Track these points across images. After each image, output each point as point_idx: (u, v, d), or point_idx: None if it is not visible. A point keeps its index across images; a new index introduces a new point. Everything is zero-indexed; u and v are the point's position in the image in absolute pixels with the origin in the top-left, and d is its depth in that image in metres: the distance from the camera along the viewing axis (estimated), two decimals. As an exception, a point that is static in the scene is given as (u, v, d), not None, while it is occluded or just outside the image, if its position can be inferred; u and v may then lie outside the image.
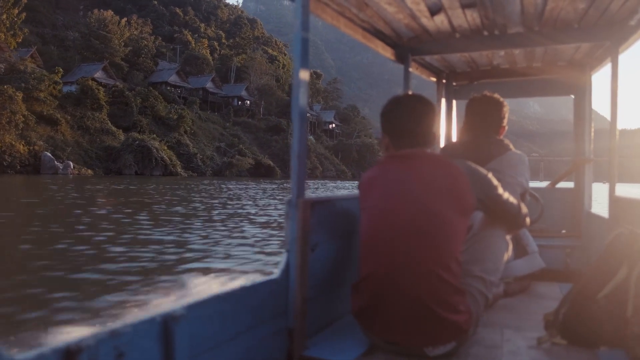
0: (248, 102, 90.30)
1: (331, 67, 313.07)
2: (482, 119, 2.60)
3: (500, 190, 1.93)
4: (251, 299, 1.56)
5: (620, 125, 3.08)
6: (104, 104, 56.65)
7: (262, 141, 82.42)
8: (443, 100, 4.11)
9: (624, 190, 3.17)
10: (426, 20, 2.83)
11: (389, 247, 1.76)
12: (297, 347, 1.76)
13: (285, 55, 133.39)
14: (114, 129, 56.43)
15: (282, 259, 1.76)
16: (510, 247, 2.10)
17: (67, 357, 0.93)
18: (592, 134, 3.79)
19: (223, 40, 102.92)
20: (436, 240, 1.72)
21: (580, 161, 3.84)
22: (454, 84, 4.15)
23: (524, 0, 2.51)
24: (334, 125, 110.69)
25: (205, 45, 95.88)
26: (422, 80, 4.13)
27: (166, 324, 1.18)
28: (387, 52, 3.15)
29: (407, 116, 1.87)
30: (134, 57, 76.54)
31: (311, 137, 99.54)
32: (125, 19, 76.92)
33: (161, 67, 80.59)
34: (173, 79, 77.84)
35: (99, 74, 63.72)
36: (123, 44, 74.03)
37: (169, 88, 75.84)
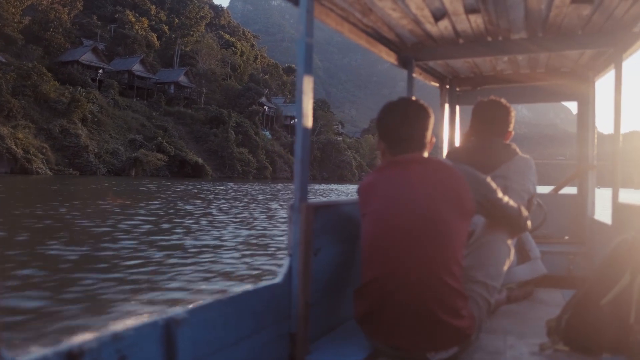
0: (189, 89, 74.58)
1: (319, 69, 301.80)
2: (489, 124, 2.54)
3: (500, 194, 1.89)
4: (254, 304, 1.54)
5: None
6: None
7: (198, 134, 66.84)
8: (446, 106, 3.99)
9: (626, 196, 3.07)
10: (430, 26, 2.77)
11: (391, 253, 1.73)
12: (300, 351, 1.73)
13: (253, 45, 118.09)
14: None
15: (284, 263, 1.74)
16: (513, 252, 2.02)
17: None
18: (596, 140, 3.72)
19: (163, 18, 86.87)
20: (438, 244, 1.69)
21: (583, 167, 3.76)
22: (458, 89, 4.06)
23: (528, 7, 2.45)
24: (296, 120, 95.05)
25: (145, 24, 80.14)
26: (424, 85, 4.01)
27: (169, 327, 1.16)
28: (390, 57, 3.10)
29: (403, 121, 1.84)
30: (40, 31, 60.86)
31: (266, 132, 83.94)
32: (29, -16, 61.26)
33: (86, 45, 65.00)
34: (87, 58, 62.16)
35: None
36: (21, 12, 58.38)
37: (79, 68, 60.05)
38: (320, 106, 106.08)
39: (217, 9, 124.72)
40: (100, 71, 64.40)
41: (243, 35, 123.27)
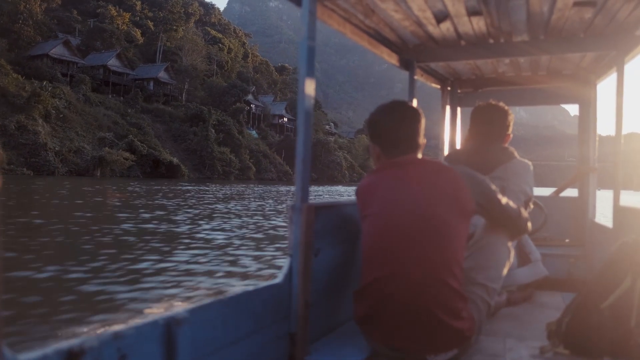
0: (170, 86, 70.47)
1: (316, 70, 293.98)
2: (487, 127, 2.54)
3: (499, 195, 1.88)
4: (254, 304, 1.53)
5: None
6: None
7: (177, 133, 62.81)
8: (448, 108, 3.92)
9: (626, 199, 2.93)
10: (432, 28, 2.74)
11: (391, 254, 1.71)
12: (299, 352, 1.72)
13: (245, 44, 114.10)
14: None
15: (285, 263, 1.73)
16: (513, 254, 2.01)
17: (70, 359, 0.90)
18: (597, 142, 3.69)
19: (149, 14, 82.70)
20: (438, 245, 1.68)
21: (584, 170, 3.71)
22: (459, 91, 3.98)
23: (529, 9, 2.42)
24: (285, 119, 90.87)
25: (127, 19, 76.11)
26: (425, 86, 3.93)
27: (169, 327, 1.15)
28: (392, 59, 3.06)
29: (399, 123, 1.83)
30: (7, 23, 56.85)
31: (253, 131, 79.84)
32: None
33: (58, 39, 60.97)
34: (58, 51, 58.17)
35: None
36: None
37: (48, 62, 55.98)
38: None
39: (207, 7, 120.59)
40: (75, 66, 60.37)
41: (234, 33, 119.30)
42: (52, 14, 70.59)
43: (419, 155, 1.83)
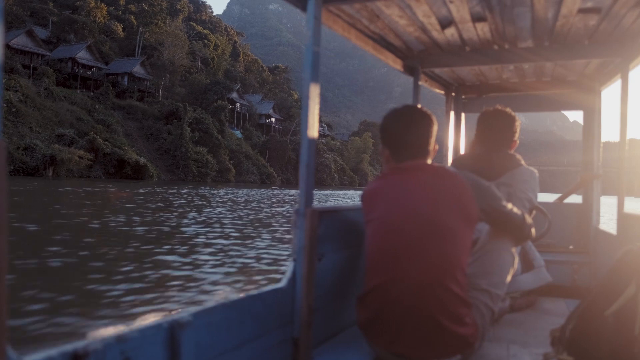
0: (146, 82, 65.47)
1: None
2: (495, 133, 2.51)
3: (504, 201, 1.87)
4: (257, 308, 1.52)
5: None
6: None
7: (150, 131, 57.84)
8: (452, 113, 3.90)
9: (627, 205, 2.94)
10: (437, 34, 2.72)
11: (395, 259, 1.69)
12: (302, 357, 1.70)
13: (236, 42, 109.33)
14: None
15: (288, 268, 1.71)
16: (517, 260, 1.99)
17: None
18: (601, 149, 3.67)
19: (133, 9, 77.77)
20: (442, 251, 1.66)
21: (588, 177, 3.68)
22: (463, 97, 3.96)
23: (534, 16, 2.41)
24: (273, 119, 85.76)
25: (104, 11, 71.28)
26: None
27: (173, 330, 1.15)
28: (397, 64, 3.05)
29: (407, 128, 1.81)
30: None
31: (236, 131, 74.80)
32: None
33: (21, 29, 56.05)
34: (20, 42, 53.26)
35: None
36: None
37: (7, 53, 51.04)
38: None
39: (197, 3, 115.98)
40: (40, 58, 55.50)
41: (225, 31, 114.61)
42: (27, 5, 65.93)
43: (429, 161, 1.80)
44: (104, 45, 67.81)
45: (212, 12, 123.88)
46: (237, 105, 78.16)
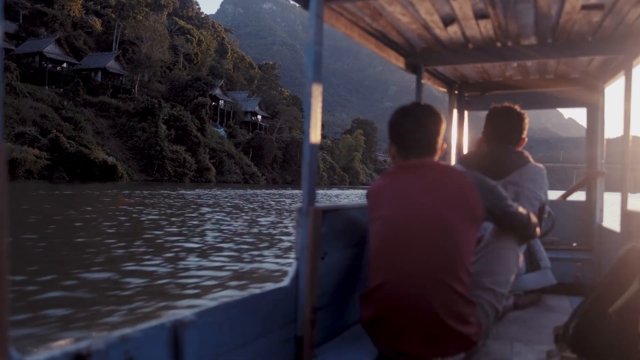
0: (121, 77, 61.72)
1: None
2: (504, 130, 2.49)
3: (509, 201, 1.86)
4: (260, 307, 1.52)
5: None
6: None
7: (123, 129, 54.14)
8: (455, 111, 3.87)
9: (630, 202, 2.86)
10: (439, 31, 2.72)
11: (399, 258, 1.70)
12: (306, 355, 1.71)
13: (224, 39, 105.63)
14: None
15: (291, 266, 1.72)
16: (521, 259, 2.02)
17: None
18: (605, 147, 3.58)
19: (113, 3, 73.91)
20: (446, 250, 1.67)
21: (592, 174, 3.63)
22: (466, 94, 3.92)
23: (537, 12, 2.40)
24: (259, 117, 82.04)
25: (79, 4, 67.50)
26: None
27: (176, 329, 1.15)
28: (399, 62, 3.05)
29: (414, 126, 1.81)
30: None
31: (220, 129, 71.07)
32: None
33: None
34: (-19, 34, 49.29)
35: None
36: None
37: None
38: (292, 102, 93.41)
39: (184, 0, 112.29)
40: (5, 53, 51.68)
41: (212, 27, 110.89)
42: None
43: (436, 159, 1.79)
44: (78, 40, 64.02)
45: (199, 9, 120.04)
46: (221, 102, 74.46)
